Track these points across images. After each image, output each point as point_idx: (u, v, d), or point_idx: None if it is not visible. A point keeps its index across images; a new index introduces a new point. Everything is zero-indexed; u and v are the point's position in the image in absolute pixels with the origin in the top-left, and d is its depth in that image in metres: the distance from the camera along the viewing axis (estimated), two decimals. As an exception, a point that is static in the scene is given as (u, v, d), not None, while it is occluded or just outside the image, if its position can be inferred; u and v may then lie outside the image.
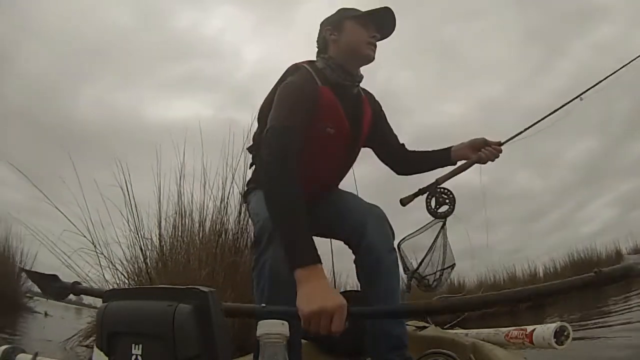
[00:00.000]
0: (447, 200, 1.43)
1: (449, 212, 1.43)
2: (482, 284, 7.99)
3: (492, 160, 1.39)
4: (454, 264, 2.29)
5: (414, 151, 1.49)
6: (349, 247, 1.25)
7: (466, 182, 1.48)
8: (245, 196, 1.39)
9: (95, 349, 0.67)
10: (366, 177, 1.50)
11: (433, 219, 2.22)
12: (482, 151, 1.38)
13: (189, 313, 0.59)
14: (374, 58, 1.26)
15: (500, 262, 8.18)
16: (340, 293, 0.88)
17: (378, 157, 1.50)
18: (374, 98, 1.41)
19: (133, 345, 0.61)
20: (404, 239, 2.26)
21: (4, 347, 1.02)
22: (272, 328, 0.61)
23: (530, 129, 1.44)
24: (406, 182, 1.51)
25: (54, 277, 1.23)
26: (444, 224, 2.19)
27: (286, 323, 0.62)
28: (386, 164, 1.50)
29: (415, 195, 1.46)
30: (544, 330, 0.92)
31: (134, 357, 0.61)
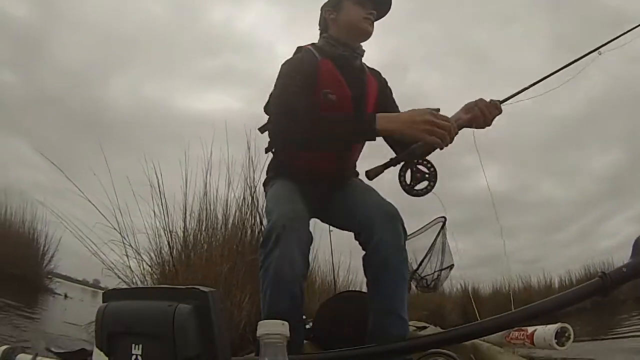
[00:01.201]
0: (427, 175, 1.15)
1: (428, 189, 1.14)
2: (496, 291, 7.91)
3: (489, 119, 1.20)
4: (453, 264, 2.29)
5: None
6: (359, 244, 1.23)
7: (486, 187, 1.34)
8: (265, 185, 1.41)
9: (95, 349, 0.67)
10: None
11: (433, 220, 2.23)
12: (475, 109, 1.19)
13: (189, 313, 0.59)
14: (371, 33, 1.32)
15: (518, 270, 8.03)
16: (343, 293, 0.88)
17: (389, 144, 1.36)
18: (380, 74, 1.43)
19: (133, 345, 0.61)
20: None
21: (3, 347, 1.01)
22: (272, 328, 0.60)
23: (538, 84, 1.21)
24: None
25: (83, 351, 1.27)
26: (444, 224, 2.19)
27: (286, 323, 0.62)
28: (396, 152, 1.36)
29: (385, 166, 1.18)
30: (545, 331, 0.92)
31: (134, 357, 0.60)
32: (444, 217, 2.15)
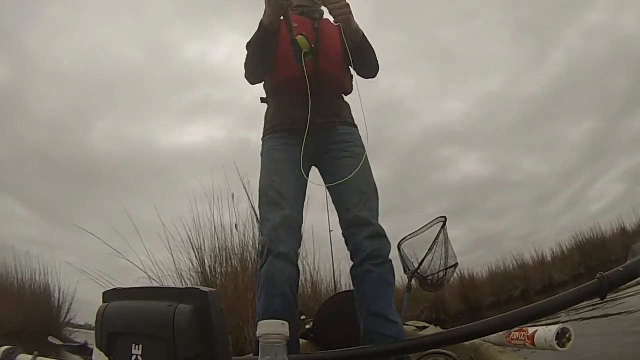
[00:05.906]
0: None
1: None
2: (492, 274, 7.89)
3: (338, 11, 1.34)
4: (457, 263, 2.28)
5: None
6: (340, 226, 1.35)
7: (472, 172, 1.42)
8: (262, 141, 1.52)
9: (95, 349, 0.67)
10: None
11: (434, 219, 2.22)
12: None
13: (189, 313, 0.59)
14: None
15: (511, 248, 8.11)
16: (340, 293, 0.88)
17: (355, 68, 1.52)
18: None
19: (133, 345, 0.61)
20: (404, 238, 2.26)
21: (4, 347, 1.01)
22: (272, 328, 0.60)
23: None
24: (414, 181, 1.50)
25: (83, 346, 1.28)
26: (444, 224, 2.18)
27: (286, 323, 0.62)
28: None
29: None
30: (546, 332, 0.92)
31: (134, 357, 0.60)
32: (444, 216, 2.15)
